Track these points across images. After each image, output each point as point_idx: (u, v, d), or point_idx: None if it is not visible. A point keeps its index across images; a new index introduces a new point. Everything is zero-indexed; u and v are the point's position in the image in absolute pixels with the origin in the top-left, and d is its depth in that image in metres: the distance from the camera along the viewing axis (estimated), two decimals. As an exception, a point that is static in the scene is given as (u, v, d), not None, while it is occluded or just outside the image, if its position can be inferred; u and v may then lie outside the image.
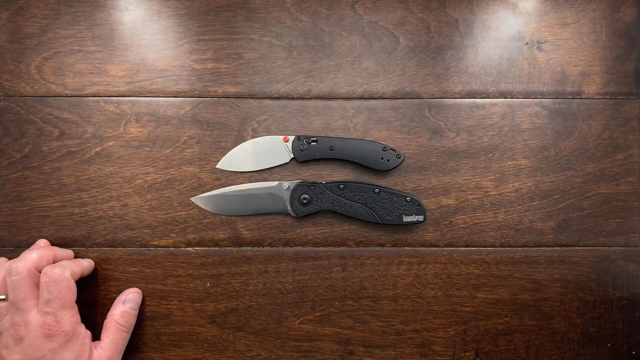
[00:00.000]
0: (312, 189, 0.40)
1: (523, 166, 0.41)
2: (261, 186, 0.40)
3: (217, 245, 0.41)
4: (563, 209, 0.41)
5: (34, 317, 0.33)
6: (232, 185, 0.40)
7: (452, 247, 0.41)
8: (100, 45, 0.41)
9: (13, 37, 0.41)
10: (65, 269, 0.35)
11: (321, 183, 0.40)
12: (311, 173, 0.41)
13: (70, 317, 0.34)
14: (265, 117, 0.41)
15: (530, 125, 0.41)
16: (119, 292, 0.39)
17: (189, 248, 0.41)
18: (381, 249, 0.41)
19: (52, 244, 0.40)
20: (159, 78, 0.41)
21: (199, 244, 0.41)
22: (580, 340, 0.41)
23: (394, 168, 0.40)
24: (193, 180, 0.41)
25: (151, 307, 0.40)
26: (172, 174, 0.40)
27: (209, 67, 0.41)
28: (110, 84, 0.41)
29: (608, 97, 0.42)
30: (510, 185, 0.41)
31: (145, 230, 0.40)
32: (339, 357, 0.41)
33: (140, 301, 0.39)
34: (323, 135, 0.41)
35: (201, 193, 0.40)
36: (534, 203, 0.41)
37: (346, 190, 0.40)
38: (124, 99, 0.41)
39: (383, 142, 0.40)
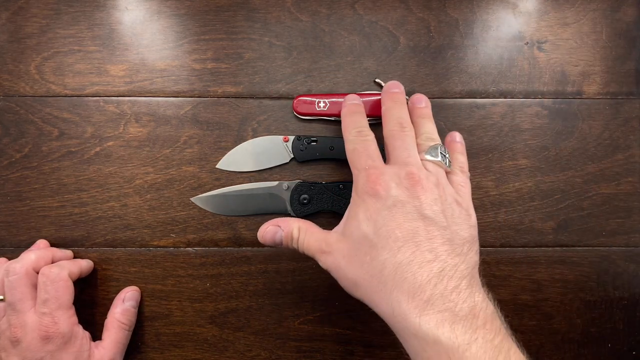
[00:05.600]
0: (312, 189, 0.40)
1: (523, 166, 0.41)
2: (261, 186, 0.40)
3: (217, 245, 0.41)
4: (563, 209, 0.41)
5: (31, 318, 0.33)
6: (232, 185, 0.40)
7: (452, 247, 0.41)
8: (100, 45, 0.41)
9: (13, 37, 0.41)
10: (63, 269, 0.35)
11: (321, 183, 0.40)
12: (311, 173, 0.41)
13: (68, 318, 0.34)
14: (265, 117, 0.41)
15: (531, 125, 0.41)
16: (119, 292, 0.39)
17: (189, 248, 0.41)
18: (381, 249, 0.41)
19: (52, 244, 0.40)
20: (158, 78, 0.41)
21: (199, 244, 0.41)
22: (580, 341, 0.41)
23: (394, 168, 0.40)
24: (193, 180, 0.40)
25: (151, 307, 0.40)
26: (172, 174, 0.40)
27: (209, 67, 0.41)
28: (110, 84, 0.41)
29: (608, 97, 0.42)
30: (511, 185, 0.41)
31: (145, 231, 0.40)
32: (339, 357, 0.41)
33: (139, 299, 0.40)
34: (323, 135, 0.41)
35: (201, 193, 0.40)
36: (534, 203, 0.41)
37: (346, 190, 0.39)
38: (123, 99, 0.41)
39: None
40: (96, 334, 0.38)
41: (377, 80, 0.41)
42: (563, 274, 0.41)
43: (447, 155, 0.32)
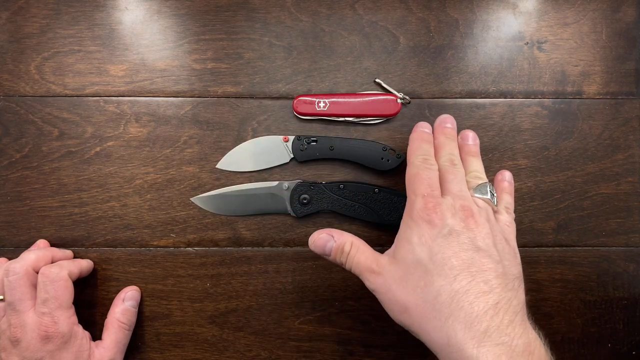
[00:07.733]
0: (312, 189, 0.40)
1: (523, 166, 0.41)
2: (261, 186, 0.40)
3: (217, 245, 0.41)
4: (563, 209, 0.41)
5: (31, 318, 0.33)
6: (232, 185, 0.40)
7: (452, 247, 0.41)
8: (100, 45, 0.41)
9: (13, 37, 0.41)
10: (63, 269, 0.35)
11: (321, 183, 0.40)
12: (311, 173, 0.41)
13: (68, 318, 0.34)
14: (265, 117, 0.41)
15: (531, 125, 0.41)
16: (119, 292, 0.39)
17: (189, 248, 0.41)
18: (381, 249, 0.41)
19: (52, 244, 0.40)
20: (158, 78, 0.41)
21: (199, 244, 0.41)
22: (580, 340, 0.41)
23: (394, 168, 0.40)
24: (193, 180, 0.40)
25: (151, 307, 0.40)
26: (172, 174, 0.40)
27: (209, 67, 0.41)
28: (110, 84, 0.41)
29: (608, 97, 0.42)
30: (511, 185, 0.41)
31: (145, 231, 0.40)
32: (338, 357, 0.41)
33: (139, 299, 0.40)
34: (323, 135, 0.41)
35: (201, 193, 0.40)
36: (534, 203, 0.41)
37: (346, 190, 0.39)
38: (123, 99, 0.41)
39: (383, 142, 0.40)
40: (96, 334, 0.38)
41: (377, 80, 0.41)
42: (563, 274, 0.41)
43: (495, 194, 0.33)
